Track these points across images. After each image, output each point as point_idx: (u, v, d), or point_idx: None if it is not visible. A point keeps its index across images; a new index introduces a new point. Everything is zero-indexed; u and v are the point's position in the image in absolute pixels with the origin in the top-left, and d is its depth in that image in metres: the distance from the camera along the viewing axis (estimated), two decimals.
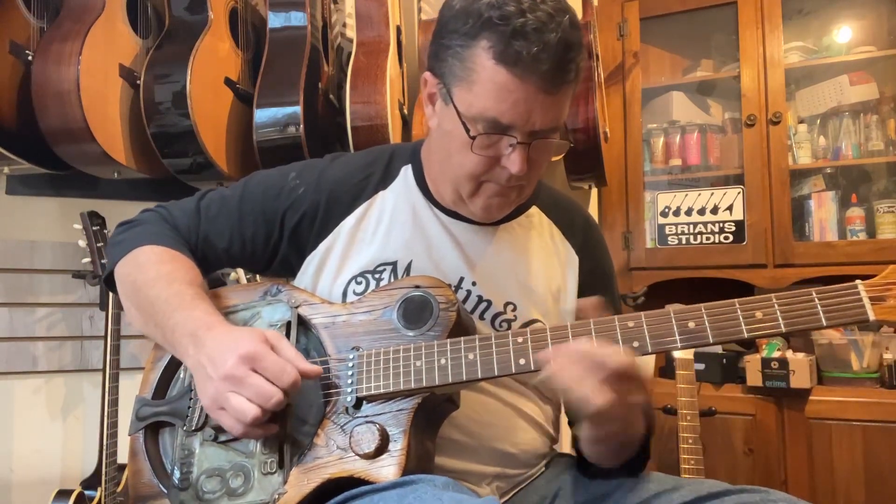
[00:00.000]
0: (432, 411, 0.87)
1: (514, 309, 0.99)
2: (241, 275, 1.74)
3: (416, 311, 0.88)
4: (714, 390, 2.14)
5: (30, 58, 1.63)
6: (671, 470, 1.64)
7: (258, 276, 1.68)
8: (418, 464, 0.82)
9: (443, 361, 0.83)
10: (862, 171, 2.34)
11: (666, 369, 2.30)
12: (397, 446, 0.81)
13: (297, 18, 1.84)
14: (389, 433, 0.82)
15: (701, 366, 2.13)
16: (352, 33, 1.95)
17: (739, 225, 2.26)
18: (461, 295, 0.98)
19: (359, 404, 0.85)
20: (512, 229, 1.04)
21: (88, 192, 1.96)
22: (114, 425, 1.74)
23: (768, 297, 0.76)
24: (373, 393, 0.85)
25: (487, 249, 1.01)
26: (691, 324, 0.78)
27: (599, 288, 1.08)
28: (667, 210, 2.36)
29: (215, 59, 1.80)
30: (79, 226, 1.78)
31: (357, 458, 0.81)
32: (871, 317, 0.73)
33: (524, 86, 0.84)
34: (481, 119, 0.87)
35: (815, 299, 0.75)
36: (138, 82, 1.73)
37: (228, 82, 1.83)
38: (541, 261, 1.04)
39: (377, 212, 1.02)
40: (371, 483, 0.79)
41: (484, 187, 0.94)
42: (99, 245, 1.76)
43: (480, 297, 0.99)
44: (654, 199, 2.39)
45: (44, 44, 1.64)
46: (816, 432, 2.02)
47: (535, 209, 1.08)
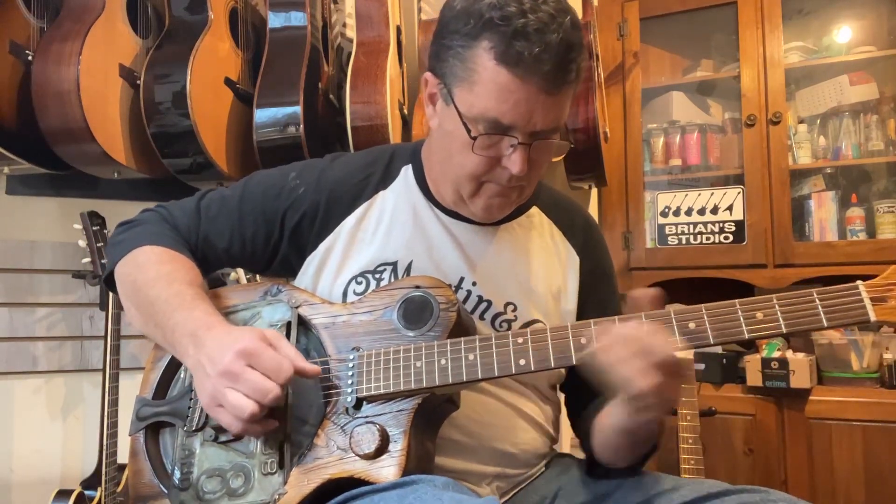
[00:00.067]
0: (432, 412, 0.87)
1: (515, 309, 0.99)
2: (241, 275, 1.74)
3: (416, 312, 0.88)
4: (714, 390, 2.14)
5: (30, 58, 1.63)
6: (671, 470, 1.64)
7: (258, 277, 1.68)
8: (418, 464, 0.82)
9: (443, 362, 0.83)
10: (862, 171, 2.34)
11: None
12: (397, 447, 0.81)
13: (297, 18, 1.84)
14: (389, 433, 0.82)
15: (701, 366, 2.13)
16: (352, 33, 1.95)
17: (739, 225, 2.25)
18: (461, 295, 0.98)
19: (359, 405, 0.85)
20: (512, 229, 1.04)
21: (88, 192, 1.96)
22: (114, 425, 1.73)
23: (769, 298, 0.76)
24: (373, 393, 0.85)
25: (488, 249, 1.01)
26: (692, 324, 0.78)
27: (600, 288, 1.08)
28: (667, 210, 2.36)
29: (215, 59, 1.80)
30: (79, 226, 1.78)
31: (357, 458, 0.81)
32: (873, 317, 0.73)
33: (525, 86, 0.84)
34: (482, 119, 0.87)
35: (816, 300, 0.75)
36: (138, 82, 1.73)
37: (228, 82, 1.83)
38: (541, 261, 1.04)
39: (377, 212, 1.02)
40: (371, 483, 0.79)
41: (485, 187, 0.94)
42: (99, 245, 1.76)
43: (481, 298, 0.99)
44: (654, 199, 2.39)
45: (44, 44, 1.64)
46: (816, 432, 2.02)
47: (535, 209, 1.08)
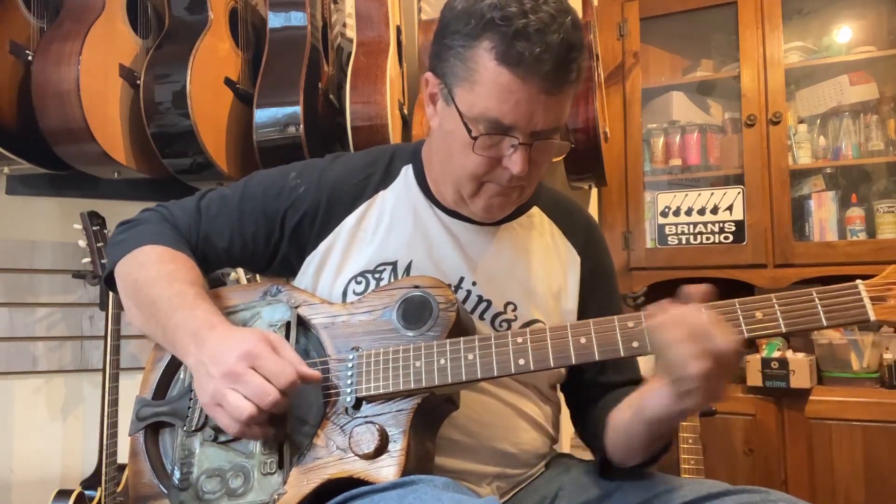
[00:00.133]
0: (432, 411, 0.87)
1: (515, 309, 0.99)
2: (241, 275, 1.74)
3: (415, 312, 0.88)
4: None
5: (30, 58, 1.62)
6: (671, 470, 1.64)
7: (258, 276, 1.68)
8: (418, 464, 0.82)
9: (442, 362, 0.83)
10: (862, 171, 2.34)
11: None
12: (397, 447, 0.81)
13: (297, 18, 1.84)
14: (389, 433, 0.82)
15: None
16: (352, 33, 1.95)
17: (739, 225, 2.25)
18: (461, 295, 0.98)
19: (358, 405, 0.85)
20: (513, 229, 1.04)
21: (88, 192, 1.96)
22: (114, 425, 1.73)
23: (768, 298, 0.76)
24: (372, 393, 0.85)
25: (488, 249, 1.01)
26: None
27: (601, 288, 1.08)
28: (667, 210, 2.36)
29: (215, 59, 1.80)
30: (79, 226, 1.78)
31: (357, 458, 0.81)
32: (872, 317, 0.73)
33: (526, 86, 0.84)
34: (483, 119, 0.87)
35: (816, 299, 0.75)
36: (138, 82, 1.73)
37: (228, 82, 1.83)
38: (541, 261, 1.04)
39: (377, 211, 1.02)
40: (371, 483, 0.79)
41: (485, 187, 0.94)
42: (99, 245, 1.76)
43: (480, 297, 0.99)
44: (654, 199, 2.39)
45: (44, 44, 1.63)
46: (816, 432, 2.02)
47: (535, 209, 1.08)
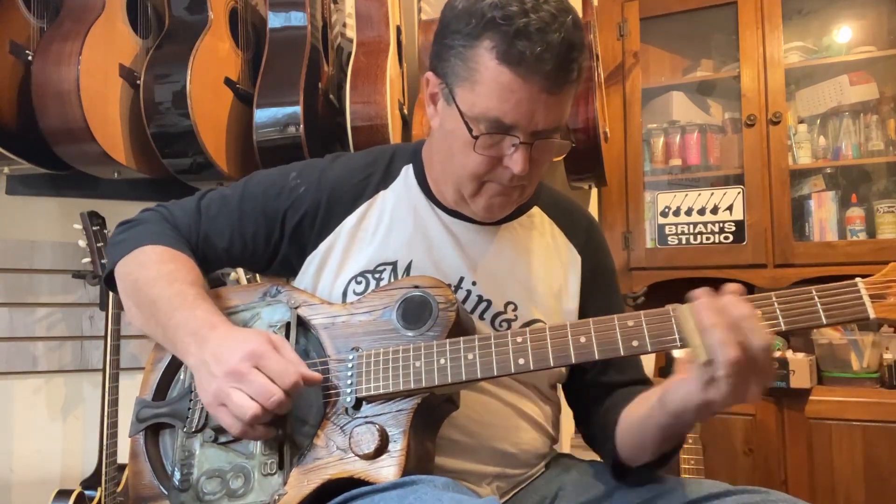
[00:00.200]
0: (432, 411, 0.87)
1: (515, 309, 0.99)
2: (241, 275, 1.74)
3: (415, 312, 0.88)
4: None
5: (30, 58, 1.62)
6: (671, 470, 1.63)
7: (258, 277, 1.68)
8: (418, 464, 0.82)
9: (442, 362, 0.83)
10: (862, 171, 2.34)
11: (666, 369, 2.30)
12: (397, 447, 0.81)
13: (297, 18, 1.84)
14: (389, 434, 0.82)
15: None
16: (352, 33, 1.95)
17: (739, 225, 2.26)
18: (461, 295, 0.98)
19: (358, 405, 0.85)
20: (513, 229, 1.04)
21: (88, 192, 1.96)
22: (114, 425, 1.73)
23: (768, 296, 0.76)
24: (372, 393, 0.84)
25: (488, 249, 1.01)
26: None
27: (602, 288, 1.08)
28: (667, 210, 2.36)
29: (215, 59, 1.80)
30: (79, 226, 1.78)
31: (357, 458, 0.81)
32: (872, 315, 0.73)
33: (527, 86, 0.84)
34: (484, 119, 0.87)
35: (815, 297, 0.75)
36: (138, 82, 1.73)
37: (228, 82, 1.83)
38: (542, 260, 1.04)
39: (378, 211, 1.02)
40: (371, 484, 0.79)
41: (486, 187, 0.94)
42: (99, 245, 1.76)
43: (480, 297, 0.99)
44: (654, 199, 2.39)
45: (44, 44, 1.63)
46: (816, 432, 2.02)
47: (536, 209, 1.08)
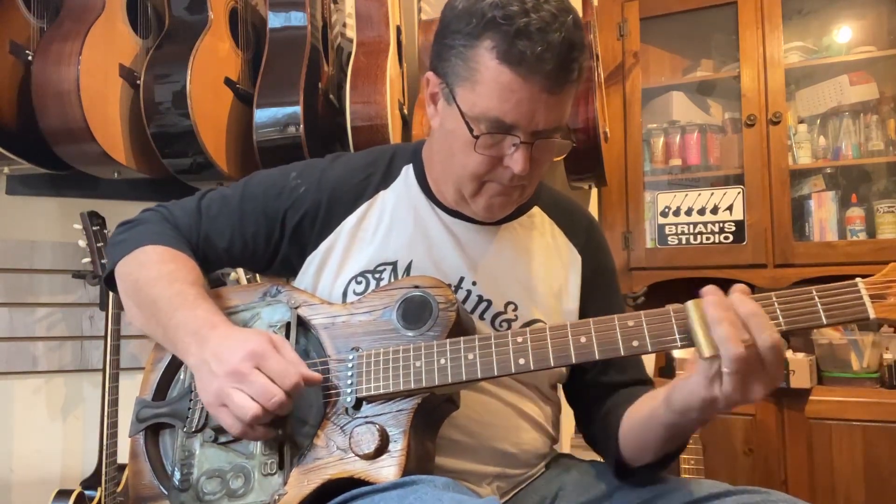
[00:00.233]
0: (432, 411, 0.87)
1: (515, 309, 0.99)
2: (241, 275, 1.74)
3: (415, 312, 0.88)
4: None
5: (30, 58, 1.62)
6: (671, 470, 1.64)
7: (258, 277, 1.68)
8: (418, 464, 0.82)
9: (442, 362, 0.83)
10: (862, 171, 2.34)
11: (666, 369, 2.30)
12: (397, 447, 0.81)
13: (297, 18, 1.84)
14: (389, 434, 0.82)
15: None
16: (352, 33, 1.95)
17: (739, 225, 2.26)
18: (461, 295, 0.98)
19: (358, 405, 0.85)
20: (513, 229, 1.04)
21: (88, 192, 1.96)
22: (114, 425, 1.73)
23: (768, 296, 0.76)
24: (372, 393, 0.84)
25: (489, 249, 1.01)
26: None
27: (602, 288, 1.08)
28: (667, 210, 2.36)
29: (215, 59, 1.80)
30: (79, 226, 1.78)
31: (357, 458, 0.81)
32: (872, 315, 0.73)
33: (528, 85, 0.84)
34: (484, 119, 0.87)
35: (815, 297, 0.74)
36: (138, 82, 1.73)
37: (228, 82, 1.83)
38: (542, 260, 1.04)
39: (378, 211, 1.02)
40: (371, 483, 0.79)
41: (486, 187, 0.94)
42: (99, 245, 1.76)
43: (481, 297, 0.99)
44: (654, 199, 2.39)
45: (44, 44, 1.63)
46: (816, 432, 2.02)
47: (536, 209, 1.08)
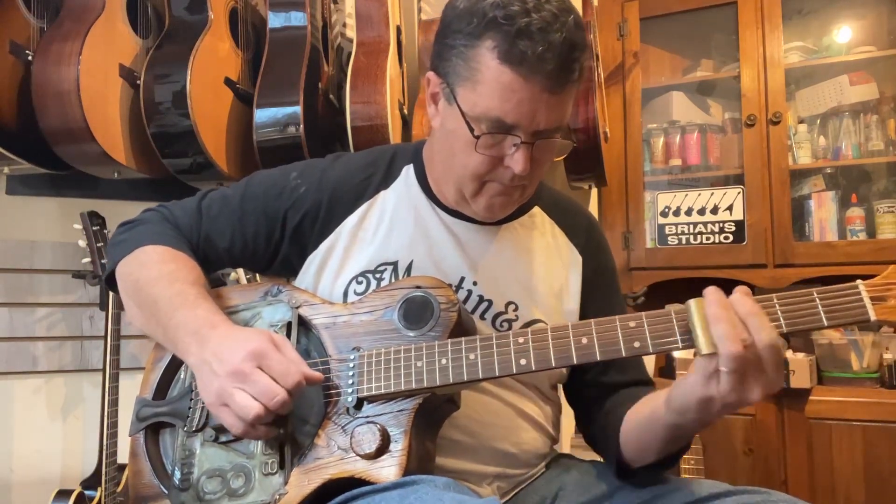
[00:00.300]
0: (433, 412, 0.87)
1: (516, 309, 0.99)
2: (241, 275, 1.74)
3: (417, 312, 0.88)
4: None
5: (30, 58, 1.62)
6: (671, 470, 1.64)
7: (258, 277, 1.68)
8: (419, 464, 0.82)
9: (444, 362, 0.83)
10: (862, 171, 2.35)
11: (666, 369, 2.30)
12: (398, 447, 0.81)
13: (297, 18, 1.84)
14: (390, 433, 0.82)
15: None
16: (352, 33, 1.95)
17: (739, 225, 2.26)
18: (462, 295, 0.98)
19: (360, 405, 0.85)
20: (514, 229, 1.04)
21: (88, 192, 1.96)
22: (114, 425, 1.73)
23: (769, 298, 0.76)
24: (374, 393, 0.85)
25: (489, 249, 1.01)
26: None
27: (603, 288, 1.08)
28: (667, 210, 2.36)
29: (215, 59, 1.80)
30: (79, 226, 1.78)
31: (358, 458, 0.81)
32: (873, 317, 0.73)
33: (529, 85, 0.84)
34: (485, 119, 0.87)
35: (816, 299, 0.75)
36: (138, 82, 1.72)
37: (228, 82, 1.82)
38: (543, 260, 1.04)
39: (378, 211, 1.02)
40: (372, 483, 0.79)
41: (487, 187, 0.94)
42: (99, 245, 1.76)
43: (481, 297, 0.99)
44: (654, 199, 2.39)
45: (44, 44, 1.63)
46: (816, 432, 2.02)
47: (537, 209, 1.08)
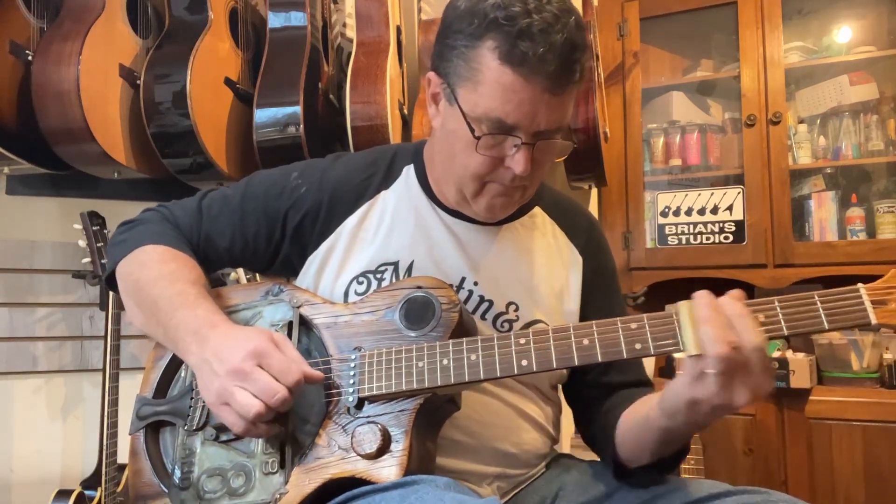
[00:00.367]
0: (434, 412, 0.87)
1: (517, 309, 0.99)
2: (241, 275, 1.74)
3: (418, 312, 0.88)
4: None
5: (30, 58, 1.62)
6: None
7: (258, 276, 1.68)
8: (420, 464, 0.82)
9: (445, 362, 0.83)
10: (862, 171, 2.35)
11: (666, 369, 2.30)
12: (399, 447, 0.81)
13: (297, 18, 1.84)
14: (391, 433, 0.82)
15: None
16: (352, 33, 1.95)
17: (739, 225, 2.26)
18: (462, 295, 0.98)
19: (360, 404, 0.85)
20: (515, 229, 1.04)
21: (88, 192, 1.96)
22: (114, 425, 1.73)
23: (771, 301, 0.76)
24: (375, 393, 0.85)
25: (490, 249, 1.01)
26: None
27: (603, 288, 1.08)
28: (667, 210, 2.36)
29: (215, 59, 1.80)
30: (79, 226, 1.78)
31: (359, 458, 0.81)
32: (873, 320, 0.73)
33: (530, 86, 0.84)
34: (486, 119, 0.87)
35: (818, 302, 0.75)
36: (138, 82, 1.72)
37: (228, 82, 1.82)
38: (543, 261, 1.04)
39: (379, 212, 1.02)
40: (372, 483, 0.79)
41: (488, 187, 0.94)
42: (99, 245, 1.76)
43: (482, 298, 0.99)
44: (654, 199, 2.39)
45: (44, 44, 1.63)
46: (816, 432, 2.02)
47: (537, 210, 1.08)
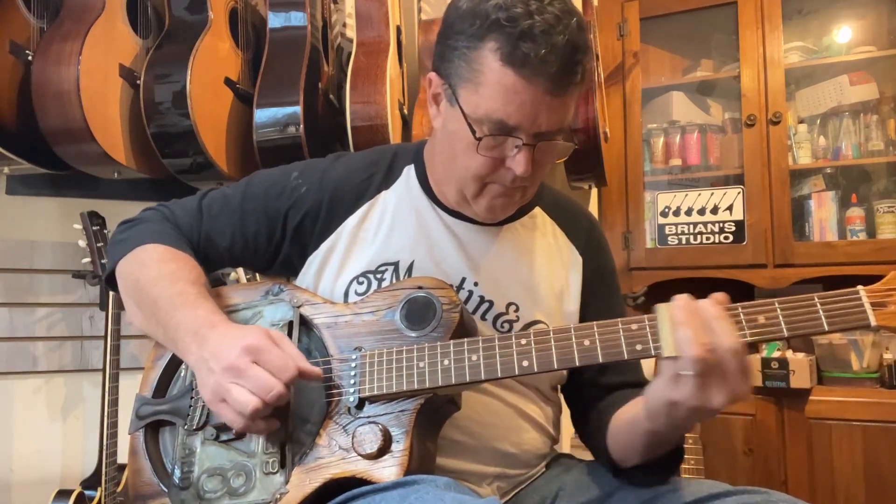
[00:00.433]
0: (434, 412, 0.87)
1: (517, 310, 1.00)
2: (241, 274, 1.74)
3: (418, 312, 0.88)
4: None
5: (30, 58, 1.62)
6: None
7: (258, 276, 1.68)
8: (420, 464, 0.82)
9: (446, 362, 0.83)
10: (862, 171, 2.35)
11: None
12: (400, 447, 0.81)
13: (297, 18, 1.84)
14: (392, 434, 0.82)
15: None
16: (352, 33, 1.95)
17: (739, 225, 2.26)
18: (462, 295, 0.98)
19: (361, 404, 0.85)
20: (515, 230, 1.04)
21: (88, 192, 1.96)
22: (114, 425, 1.73)
23: (771, 302, 0.76)
24: (375, 393, 0.85)
25: (490, 250, 1.01)
26: None
27: (603, 289, 1.08)
28: (667, 210, 2.36)
29: (215, 59, 1.80)
30: (79, 226, 1.77)
31: (359, 458, 0.81)
32: (873, 322, 0.73)
33: (531, 87, 0.84)
34: (487, 120, 0.87)
35: (818, 304, 0.75)
36: (138, 82, 1.72)
37: (228, 82, 1.82)
38: (544, 261, 1.04)
39: (379, 212, 1.02)
40: (373, 483, 0.79)
41: (488, 188, 0.94)
42: (99, 245, 1.76)
43: (482, 298, 0.99)
44: (654, 199, 2.39)
45: (44, 44, 1.63)
46: (816, 432, 2.02)
47: (538, 210, 1.08)
